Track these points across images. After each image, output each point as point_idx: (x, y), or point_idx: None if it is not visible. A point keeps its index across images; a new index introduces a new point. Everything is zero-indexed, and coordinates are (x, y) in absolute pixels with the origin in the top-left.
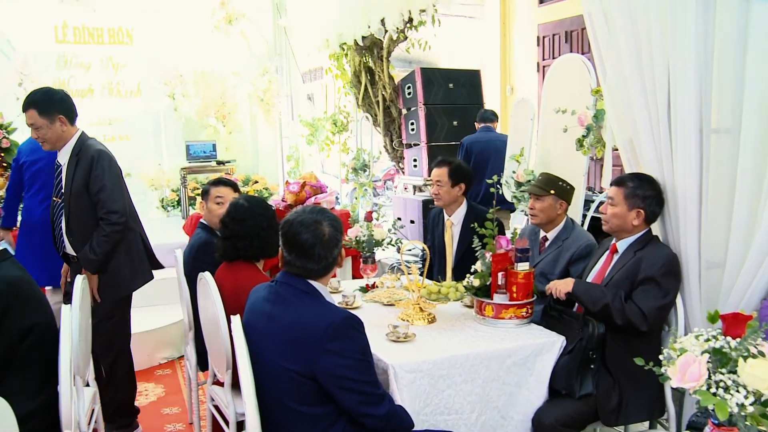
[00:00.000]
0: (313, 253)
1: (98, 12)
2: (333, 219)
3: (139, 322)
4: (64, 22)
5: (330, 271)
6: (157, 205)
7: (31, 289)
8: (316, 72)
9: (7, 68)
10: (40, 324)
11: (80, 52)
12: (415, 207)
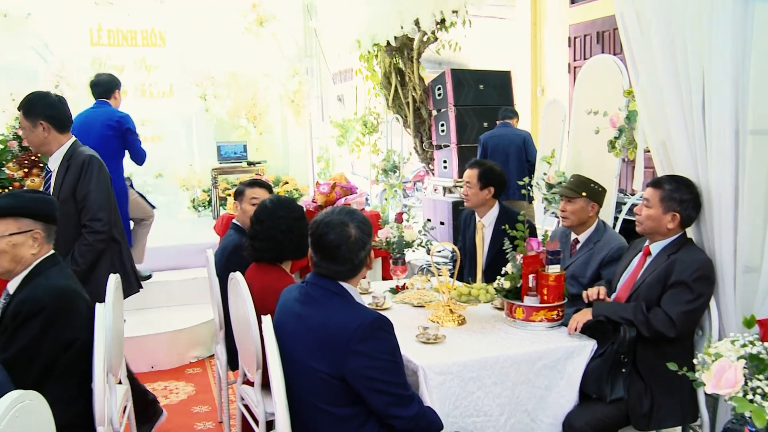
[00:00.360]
0: (337, 255)
1: (132, 15)
2: (361, 221)
3: (169, 322)
4: (99, 25)
5: (356, 274)
6: (188, 206)
7: (76, 298)
8: (346, 73)
9: (44, 71)
10: (82, 338)
11: (114, 54)
12: (445, 208)
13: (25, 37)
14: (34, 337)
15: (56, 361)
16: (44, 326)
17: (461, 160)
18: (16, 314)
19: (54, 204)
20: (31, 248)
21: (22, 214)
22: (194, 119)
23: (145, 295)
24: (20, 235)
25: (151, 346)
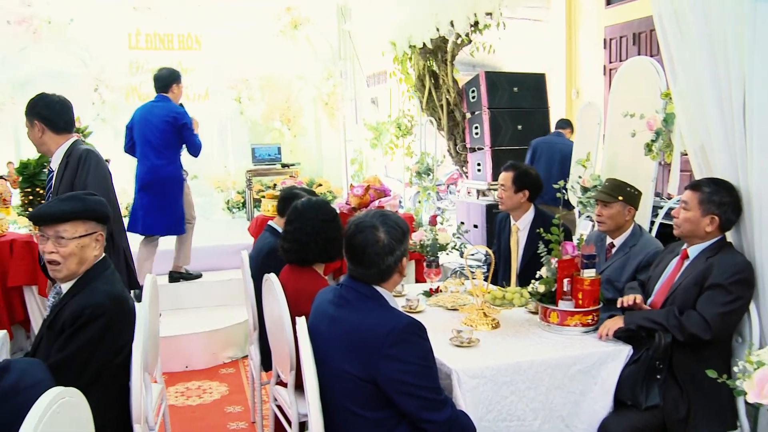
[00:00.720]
0: (364, 258)
1: (169, 19)
2: (392, 227)
3: (204, 322)
4: (137, 30)
5: (386, 279)
6: (222, 207)
7: (129, 304)
8: (380, 76)
9: (84, 74)
10: (130, 341)
11: (151, 57)
12: (479, 211)
13: (67, 42)
14: (92, 341)
15: (108, 364)
16: (103, 331)
17: (495, 163)
18: (77, 317)
19: (108, 205)
20: (94, 250)
21: (87, 216)
22: (229, 122)
23: (180, 295)
24: (87, 237)
25: (185, 345)
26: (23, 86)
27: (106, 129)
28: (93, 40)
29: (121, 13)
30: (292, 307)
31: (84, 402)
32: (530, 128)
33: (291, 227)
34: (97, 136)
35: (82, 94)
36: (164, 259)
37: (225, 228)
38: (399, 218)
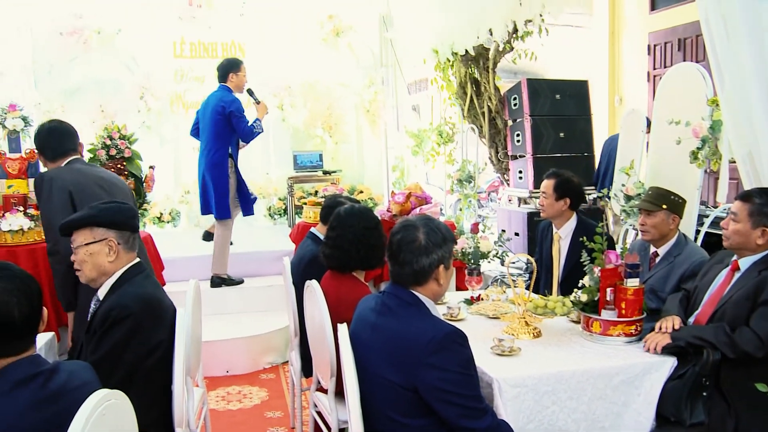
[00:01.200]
0: (399, 256)
1: (213, 28)
2: (434, 230)
3: (244, 327)
4: (182, 39)
5: (420, 282)
6: (264, 213)
7: (161, 306)
8: (421, 83)
9: (130, 82)
10: (164, 342)
11: (196, 66)
12: (520, 219)
13: (115, 51)
14: (119, 342)
15: (139, 366)
16: (130, 332)
17: (537, 171)
18: (105, 319)
19: (127, 212)
20: (107, 256)
21: (95, 223)
22: (271, 129)
23: (222, 300)
24: (96, 244)
25: (226, 350)
26: (73, 95)
27: (151, 136)
28: (139, 50)
29: (167, 23)
30: (333, 314)
31: (128, 404)
32: (572, 136)
33: (333, 233)
34: (142, 143)
35: (128, 102)
36: (208, 263)
37: (266, 234)
38: (444, 226)
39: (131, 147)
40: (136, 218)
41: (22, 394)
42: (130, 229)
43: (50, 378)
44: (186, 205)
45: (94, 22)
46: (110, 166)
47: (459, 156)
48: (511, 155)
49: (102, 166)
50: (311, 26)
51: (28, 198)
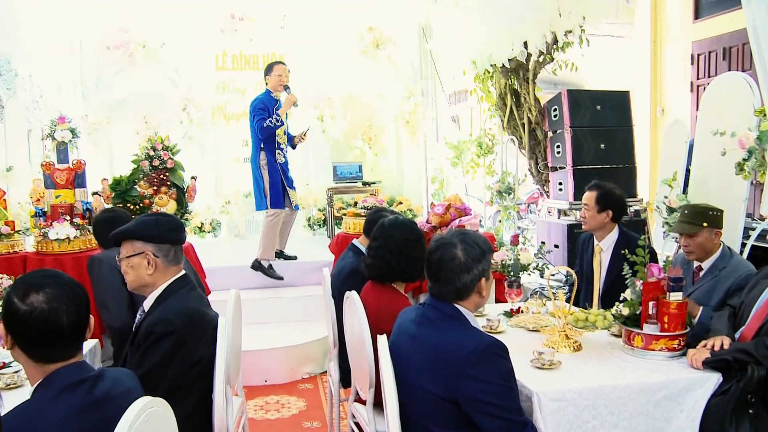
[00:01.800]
0: (439, 274)
1: (254, 40)
2: (471, 245)
3: (283, 337)
4: (224, 51)
5: (462, 297)
6: (304, 224)
7: (204, 321)
8: (460, 94)
9: (173, 94)
10: (206, 356)
11: (237, 77)
12: (560, 231)
13: (159, 64)
14: (164, 357)
15: (182, 380)
16: (174, 347)
17: (577, 183)
18: (149, 334)
19: (164, 225)
20: (146, 269)
21: (134, 237)
22: (311, 140)
23: (261, 310)
24: (135, 257)
25: (265, 360)
26: (118, 106)
27: (193, 147)
28: (182, 62)
29: (210, 36)
30: (372, 325)
31: (170, 412)
32: (613, 147)
33: (375, 244)
34: (184, 154)
35: (171, 114)
36: (248, 273)
37: (306, 245)
38: (480, 238)
39: (174, 158)
40: (176, 231)
41: (68, 399)
42: (169, 242)
43: (95, 384)
44: (226, 215)
45: (140, 36)
46: (153, 177)
47: (498, 167)
48: (551, 167)
49: (145, 177)
50: (351, 38)
51: (74, 207)
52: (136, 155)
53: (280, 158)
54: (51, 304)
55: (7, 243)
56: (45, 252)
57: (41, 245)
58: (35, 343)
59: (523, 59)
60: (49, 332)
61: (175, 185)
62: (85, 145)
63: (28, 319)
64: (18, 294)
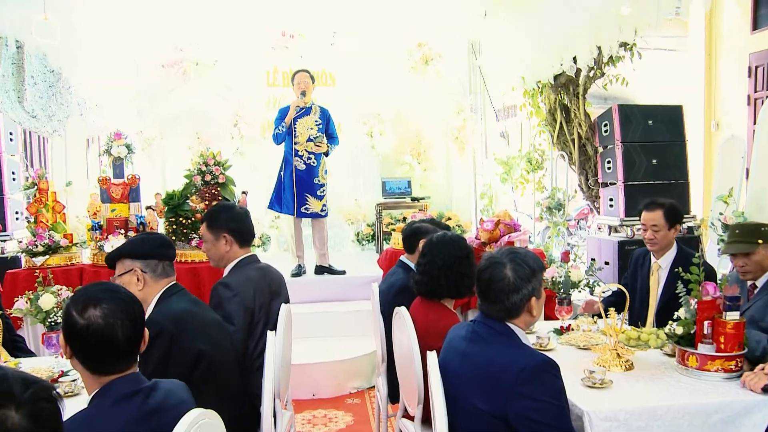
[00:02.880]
0: (489, 294)
1: (305, 57)
2: (521, 264)
3: (331, 352)
4: (274, 68)
5: (513, 316)
6: (352, 239)
7: (194, 320)
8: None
9: (225, 111)
10: (206, 352)
11: (288, 94)
12: (610, 248)
13: (211, 81)
14: (161, 358)
15: (187, 379)
16: (167, 346)
17: (628, 199)
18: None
19: (151, 242)
20: (136, 285)
21: (122, 255)
22: (361, 155)
23: (310, 324)
24: (126, 275)
25: (313, 374)
26: (171, 123)
27: (243, 162)
28: (234, 79)
29: (261, 53)
30: (421, 341)
31: (221, 424)
32: (666, 163)
33: (424, 260)
34: (235, 169)
35: (222, 129)
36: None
37: (355, 260)
38: (530, 256)
39: (225, 173)
40: (162, 247)
41: (123, 409)
42: (156, 257)
43: (149, 395)
44: (276, 230)
45: (193, 54)
46: (205, 192)
47: (548, 183)
48: (602, 182)
49: (197, 192)
50: (400, 54)
51: (129, 221)
52: (188, 170)
53: (300, 165)
54: (107, 320)
55: (65, 255)
56: (101, 265)
57: (97, 258)
58: (91, 356)
59: (573, 74)
60: (104, 346)
61: (227, 200)
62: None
63: (85, 333)
64: (77, 308)
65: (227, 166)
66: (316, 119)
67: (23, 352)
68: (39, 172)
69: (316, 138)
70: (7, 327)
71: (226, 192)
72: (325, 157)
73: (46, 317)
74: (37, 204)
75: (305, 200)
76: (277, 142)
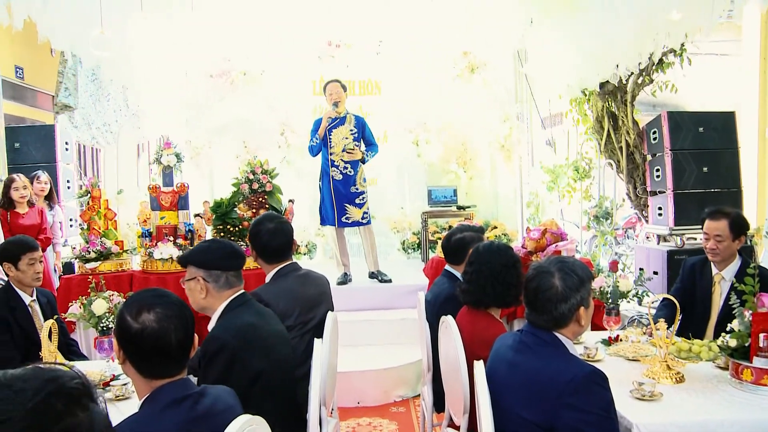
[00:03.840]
0: (536, 303)
1: (351, 67)
2: (569, 273)
3: (377, 359)
4: (321, 77)
5: (561, 326)
6: (398, 248)
7: (257, 335)
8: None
9: (272, 120)
10: (266, 371)
11: None
12: (659, 257)
13: (258, 90)
14: (220, 375)
15: (246, 396)
16: (228, 362)
17: (678, 208)
18: (204, 353)
19: (215, 252)
20: (199, 293)
21: (189, 262)
22: (406, 164)
23: (355, 332)
24: (191, 281)
25: (358, 382)
26: (219, 132)
27: (290, 171)
28: (281, 88)
29: (307, 63)
30: (467, 350)
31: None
32: (717, 170)
33: (470, 269)
34: (281, 178)
35: (269, 138)
36: (342, 295)
37: (400, 268)
38: (579, 266)
39: (272, 181)
40: (228, 258)
41: (172, 414)
42: (220, 268)
43: (198, 401)
44: (322, 238)
45: (241, 64)
46: (252, 200)
47: (595, 192)
48: (650, 191)
49: (244, 200)
50: (446, 63)
51: (177, 228)
52: (236, 179)
53: (336, 175)
54: (161, 324)
55: (116, 261)
56: (150, 271)
57: (146, 264)
58: (145, 360)
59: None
60: (158, 350)
61: (273, 208)
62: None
63: (139, 337)
64: (131, 312)
65: (274, 174)
66: (351, 128)
67: (77, 355)
68: (92, 181)
69: (349, 145)
70: (62, 330)
71: (273, 200)
72: (363, 165)
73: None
74: (90, 211)
75: (345, 210)
76: (312, 154)
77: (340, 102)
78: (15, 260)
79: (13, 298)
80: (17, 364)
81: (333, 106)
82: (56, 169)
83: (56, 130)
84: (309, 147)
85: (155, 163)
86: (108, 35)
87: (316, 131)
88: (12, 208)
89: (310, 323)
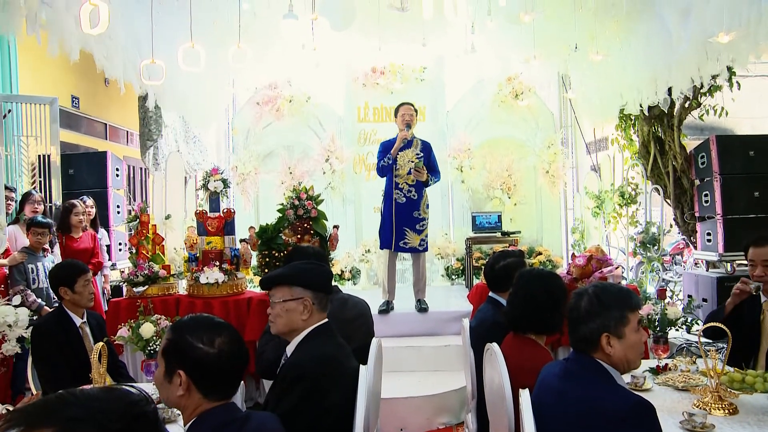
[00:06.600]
0: (576, 326)
1: (395, 93)
2: (595, 296)
3: (420, 386)
4: (365, 104)
5: (586, 349)
6: (442, 273)
7: (339, 368)
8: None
9: (317, 146)
10: (340, 405)
11: (378, 129)
12: (708, 284)
13: (304, 117)
14: (299, 402)
15: (317, 426)
16: (307, 392)
17: (728, 233)
18: (284, 377)
19: (323, 275)
20: (301, 314)
21: (294, 282)
22: (450, 190)
23: (399, 358)
24: (292, 302)
25: (401, 408)
26: (265, 158)
27: (335, 196)
28: (326, 115)
29: (352, 90)
30: (513, 378)
31: None
32: None
33: (516, 294)
34: (326, 204)
35: (314, 164)
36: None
37: (444, 294)
38: (611, 292)
39: (317, 207)
40: (330, 281)
41: None
42: (326, 291)
43: (242, 426)
44: (366, 264)
45: (287, 91)
46: (297, 226)
47: (642, 217)
48: (699, 216)
49: (290, 226)
50: (491, 88)
51: (223, 253)
52: (281, 204)
53: (400, 198)
54: (233, 346)
55: (163, 285)
56: (196, 295)
57: (193, 288)
58: (219, 383)
59: (667, 106)
60: (234, 372)
61: (318, 234)
62: (235, 195)
63: (218, 361)
64: (201, 339)
65: (319, 200)
66: (417, 152)
67: (124, 378)
68: (141, 206)
69: (418, 164)
70: (111, 353)
71: (318, 226)
72: (426, 189)
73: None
74: (139, 236)
75: (404, 234)
76: (381, 174)
77: (411, 124)
78: (71, 283)
79: (65, 321)
80: (68, 384)
81: (406, 128)
82: (107, 195)
83: (108, 157)
84: (379, 167)
85: (202, 189)
86: (159, 64)
87: (385, 152)
88: (68, 232)
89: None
